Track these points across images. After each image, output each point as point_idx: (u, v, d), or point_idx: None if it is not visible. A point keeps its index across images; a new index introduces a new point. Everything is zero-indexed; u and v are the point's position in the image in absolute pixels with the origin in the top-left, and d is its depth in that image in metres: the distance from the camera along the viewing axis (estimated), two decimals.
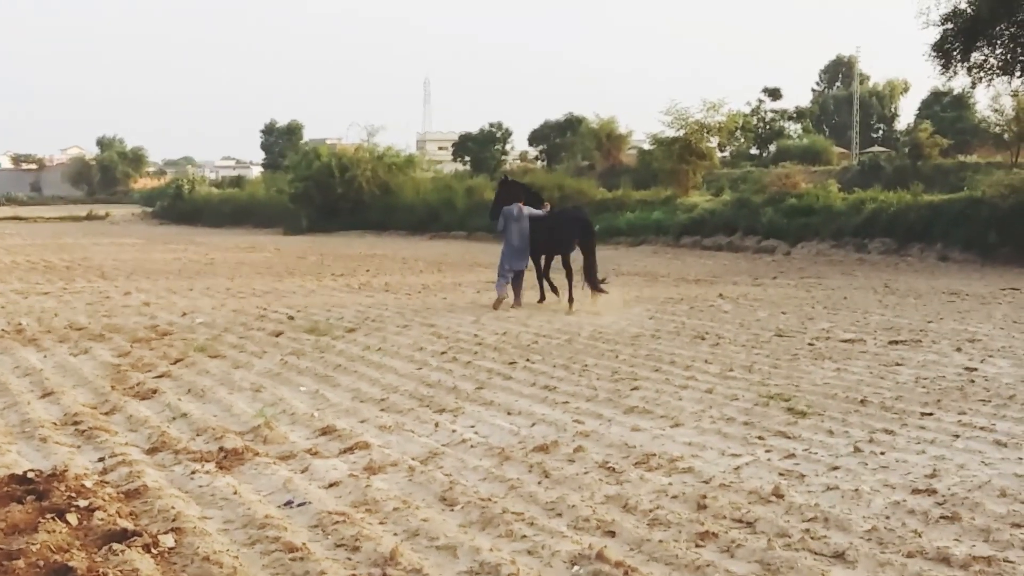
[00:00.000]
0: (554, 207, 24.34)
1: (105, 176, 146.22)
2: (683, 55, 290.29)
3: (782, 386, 13.23)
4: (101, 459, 9.96)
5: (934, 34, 36.83)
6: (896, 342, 16.92)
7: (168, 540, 7.49)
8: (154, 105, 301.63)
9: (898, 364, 14.91)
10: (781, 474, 9.27)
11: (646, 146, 62.45)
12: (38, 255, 41.20)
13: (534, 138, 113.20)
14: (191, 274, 31.98)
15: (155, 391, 13.14)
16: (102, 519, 7.84)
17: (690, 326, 18.99)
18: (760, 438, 10.63)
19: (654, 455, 9.93)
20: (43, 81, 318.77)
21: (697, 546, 7.47)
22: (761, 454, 10.02)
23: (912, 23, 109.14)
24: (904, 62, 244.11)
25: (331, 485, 9.12)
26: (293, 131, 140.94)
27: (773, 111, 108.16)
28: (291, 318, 20.37)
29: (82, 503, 8.21)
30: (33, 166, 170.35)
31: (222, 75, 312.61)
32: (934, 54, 36.77)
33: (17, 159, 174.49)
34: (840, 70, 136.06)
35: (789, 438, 10.64)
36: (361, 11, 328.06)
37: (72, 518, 7.85)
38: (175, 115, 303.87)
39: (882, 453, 9.98)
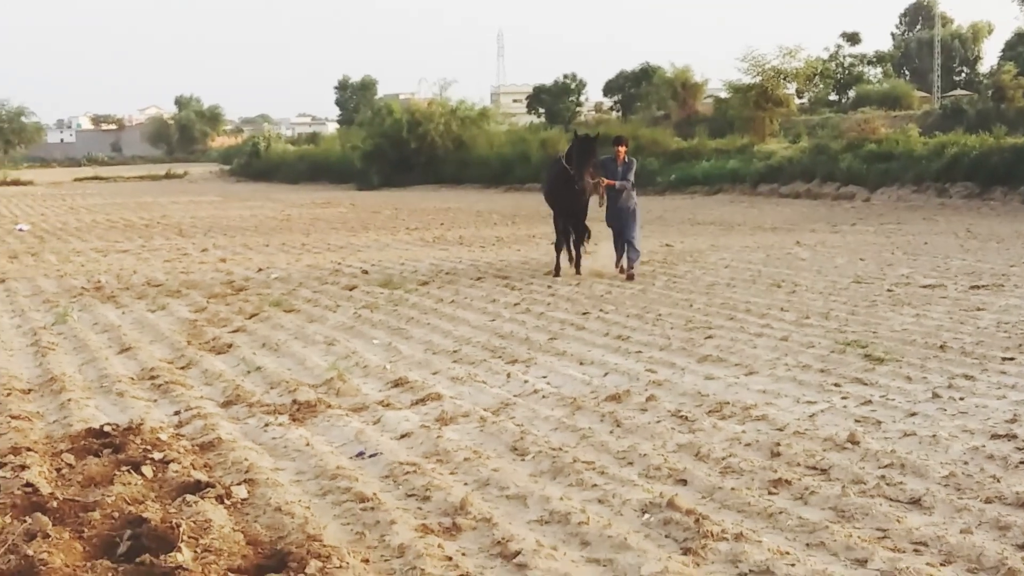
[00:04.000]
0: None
1: (183, 135, 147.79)
2: (760, 2, 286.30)
3: (859, 333, 13.03)
4: (177, 412, 10.06)
5: None
6: (977, 287, 16.60)
7: (241, 491, 7.55)
8: (230, 64, 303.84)
9: (979, 309, 14.62)
10: (857, 421, 9.13)
11: (722, 95, 61.79)
12: (118, 214, 41.75)
13: (609, 89, 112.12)
14: (267, 231, 32.21)
15: (230, 345, 13.25)
16: (176, 471, 7.93)
17: (766, 274, 18.78)
18: (836, 385, 10.48)
19: (727, 403, 9.82)
20: (121, 42, 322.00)
21: (770, 493, 7.38)
22: (837, 401, 9.88)
23: None
24: (988, 3, 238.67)
25: (403, 436, 9.13)
26: (367, 87, 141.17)
27: (852, 56, 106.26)
28: (365, 272, 20.45)
29: (157, 456, 8.31)
30: (113, 126, 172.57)
31: (297, 32, 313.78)
32: None
33: (97, 120, 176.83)
34: (920, 13, 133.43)
35: (866, 385, 10.47)
36: None
37: (147, 470, 7.95)
38: (251, 73, 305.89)
39: (961, 399, 9.79)
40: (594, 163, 18.46)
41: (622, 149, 18.97)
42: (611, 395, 10.29)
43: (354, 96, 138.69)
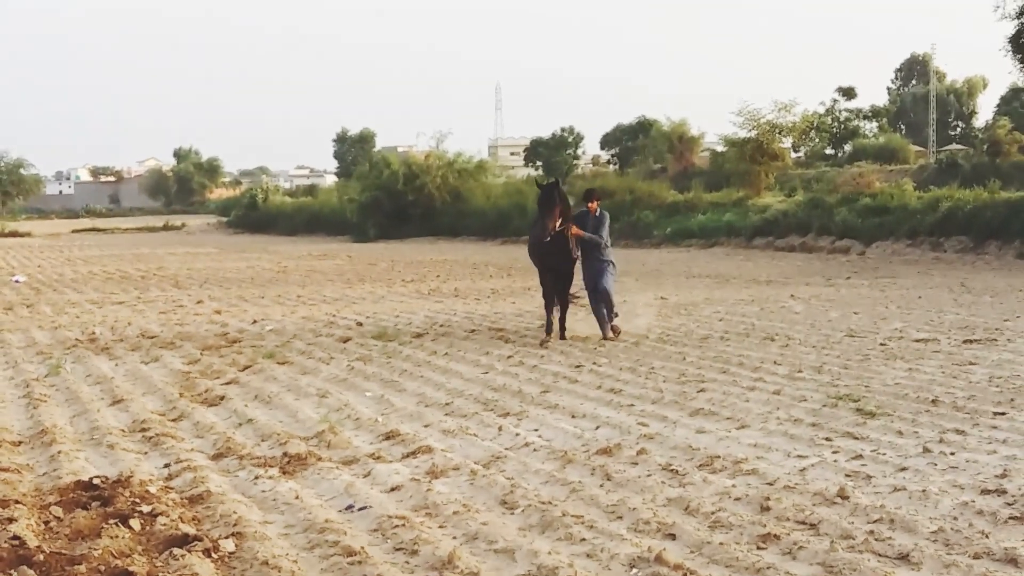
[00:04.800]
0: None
1: (182, 187, 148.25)
2: (755, 56, 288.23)
3: (852, 387, 13.04)
4: (167, 465, 10.04)
5: (1011, 28, 36.24)
6: (971, 341, 16.63)
7: (229, 545, 7.53)
8: (229, 116, 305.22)
9: (972, 363, 14.64)
10: (847, 475, 9.12)
11: (719, 148, 62.08)
12: (114, 265, 41.81)
13: (606, 142, 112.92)
14: (263, 282, 32.25)
15: (222, 397, 13.25)
16: (164, 524, 7.90)
17: (760, 327, 18.80)
18: (827, 439, 10.47)
19: (718, 457, 9.81)
20: (120, 94, 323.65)
21: (759, 548, 7.37)
22: (828, 455, 9.86)
23: (989, 17, 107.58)
24: (983, 58, 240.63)
25: (392, 489, 9.11)
26: (365, 139, 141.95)
27: (848, 110, 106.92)
28: (360, 324, 20.46)
29: (145, 508, 8.29)
30: (111, 178, 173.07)
31: (295, 85, 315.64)
32: (1011, 48, 36.17)
33: (96, 172, 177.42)
34: (915, 68, 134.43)
35: (857, 439, 10.46)
36: (433, 20, 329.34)
37: (135, 523, 7.93)
38: (250, 126, 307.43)
39: (952, 453, 9.79)
40: (560, 210, 17.25)
41: (594, 204, 17.85)
42: (602, 448, 10.28)
43: (352, 149, 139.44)
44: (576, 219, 17.63)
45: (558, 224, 17.26)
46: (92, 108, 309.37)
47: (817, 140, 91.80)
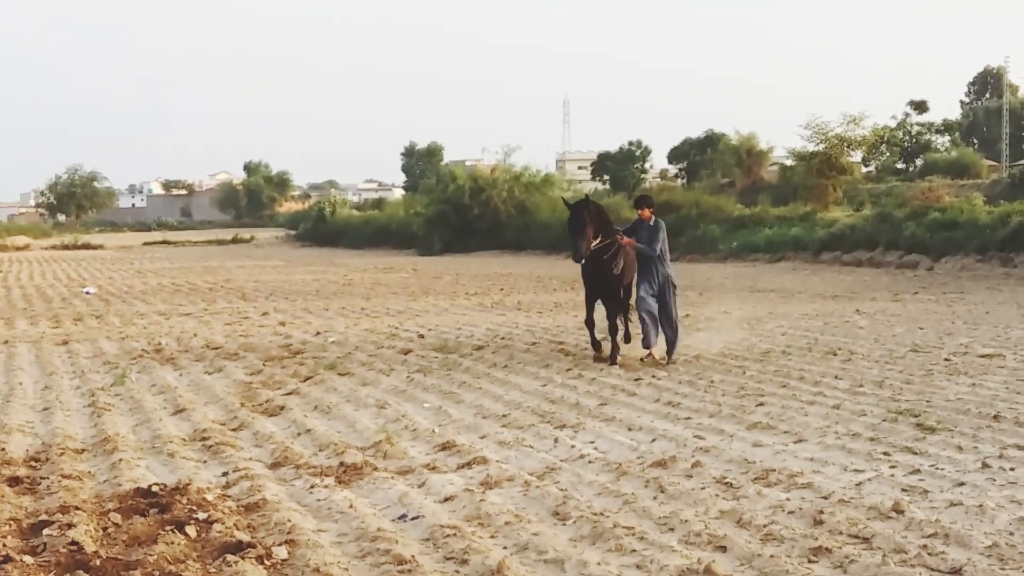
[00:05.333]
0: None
1: (252, 200, 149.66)
2: (826, 69, 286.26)
3: (913, 401, 12.91)
4: (225, 473, 10.16)
5: None
6: None
7: (282, 552, 7.61)
8: (299, 130, 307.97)
9: None
10: (904, 490, 9.04)
11: (788, 162, 61.76)
12: (183, 278, 42.33)
13: (674, 155, 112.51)
14: (328, 295, 32.49)
15: (283, 408, 13.37)
16: (220, 531, 8.01)
17: (823, 342, 18.66)
18: (885, 454, 10.38)
19: (774, 470, 9.77)
20: (192, 108, 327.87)
21: (809, 561, 7.33)
22: (885, 470, 9.79)
23: None
24: None
25: (446, 499, 9.16)
26: (433, 153, 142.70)
27: (919, 124, 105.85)
28: (421, 336, 20.56)
29: (201, 516, 8.40)
30: (183, 191, 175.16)
31: (365, 99, 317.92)
32: None
33: (168, 185, 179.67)
34: (989, 81, 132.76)
35: (916, 454, 10.37)
36: (501, 32, 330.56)
37: (191, 530, 8.04)
38: (320, 139, 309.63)
39: (1011, 469, 9.67)
40: (592, 230, 16.17)
41: (646, 211, 16.86)
42: (657, 461, 10.27)
43: (420, 162, 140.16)
44: (629, 229, 16.95)
45: (593, 244, 16.26)
46: (165, 122, 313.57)
47: (888, 154, 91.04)
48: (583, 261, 16.55)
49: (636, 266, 17.01)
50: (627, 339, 17.59)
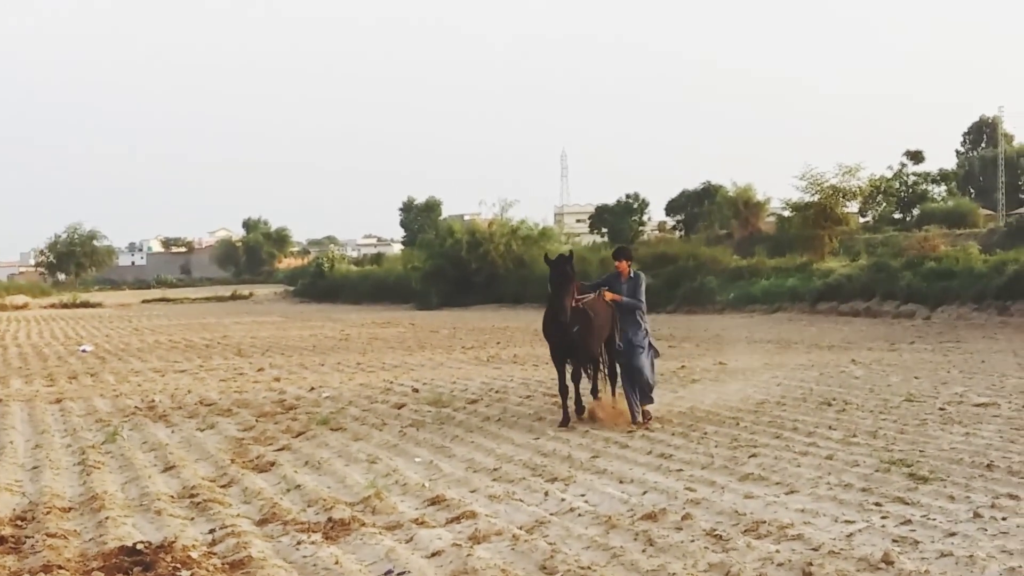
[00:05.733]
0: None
1: (251, 257, 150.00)
2: (822, 120, 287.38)
3: (906, 451, 12.85)
4: (212, 531, 10.08)
5: None
6: None
7: None
8: (298, 186, 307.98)
9: None
10: (895, 541, 8.97)
11: (785, 213, 61.99)
12: (180, 334, 42.32)
13: (671, 208, 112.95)
14: (324, 350, 32.46)
15: (273, 464, 13.31)
16: None
17: (817, 392, 18.62)
18: (877, 504, 10.32)
19: (764, 522, 9.69)
20: (192, 166, 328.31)
21: None
22: (876, 520, 9.72)
23: None
24: None
25: (433, 554, 9.08)
26: (432, 207, 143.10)
27: (916, 174, 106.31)
28: (415, 391, 20.51)
29: (185, 573, 8.32)
30: (183, 249, 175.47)
31: (363, 155, 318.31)
32: None
33: (167, 243, 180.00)
34: (984, 131, 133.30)
35: (907, 504, 10.30)
36: (498, 87, 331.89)
37: None
38: (318, 196, 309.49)
39: (1004, 519, 9.60)
40: (576, 286, 15.66)
41: (624, 264, 16.05)
42: (647, 514, 10.19)
43: (419, 217, 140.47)
44: (607, 282, 16.15)
45: (573, 301, 15.57)
46: (164, 180, 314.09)
47: (884, 204, 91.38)
48: (564, 319, 15.65)
49: (610, 324, 16.16)
50: (594, 394, 17.00)
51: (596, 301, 15.94)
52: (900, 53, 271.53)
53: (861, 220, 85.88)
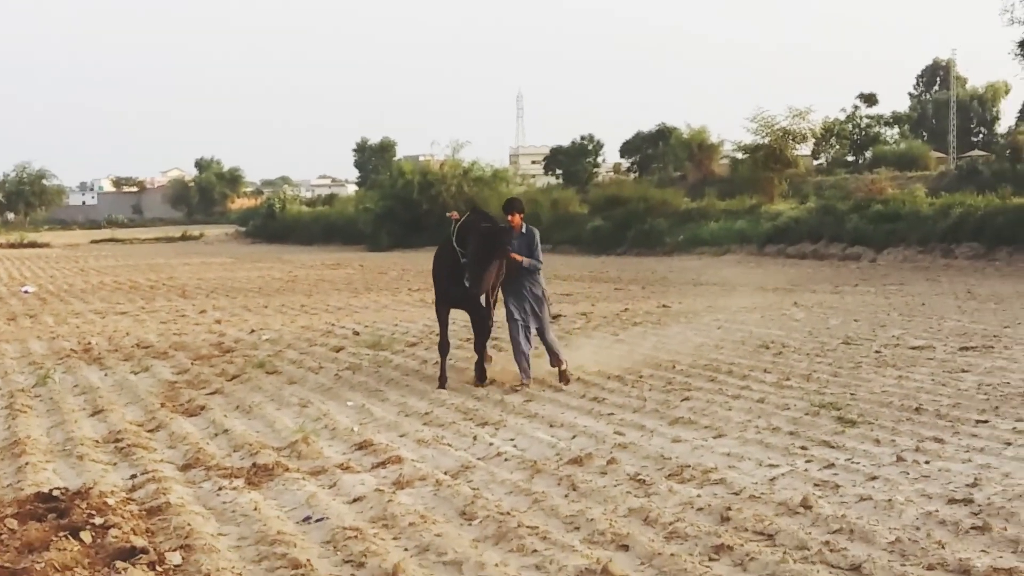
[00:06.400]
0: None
1: (203, 197, 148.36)
2: (777, 63, 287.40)
3: (837, 395, 12.89)
4: (133, 476, 9.96)
5: (1019, 33, 36.01)
6: (966, 348, 16.45)
7: (175, 557, 7.45)
8: (252, 126, 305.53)
9: (963, 371, 14.46)
10: (816, 485, 8.97)
11: (738, 156, 62.00)
12: (126, 276, 41.93)
13: (625, 150, 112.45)
14: (270, 292, 32.24)
15: (203, 408, 13.17)
16: (116, 536, 7.81)
17: (756, 335, 18.64)
18: (803, 448, 10.33)
19: (688, 466, 9.69)
20: (144, 105, 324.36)
21: (710, 559, 7.24)
22: (800, 464, 9.73)
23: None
24: (1006, 63, 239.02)
25: (355, 500, 9.02)
26: (386, 148, 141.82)
27: (869, 117, 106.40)
28: (356, 334, 20.37)
29: (99, 520, 8.19)
30: (134, 189, 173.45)
31: (317, 95, 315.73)
32: (1020, 53, 35.93)
33: (119, 182, 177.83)
34: (938, 74, 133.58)
35: (833, 447, 10.33)
36: (455, 28, 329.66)
37: (86, 536, 7.84)
38: (272, 136, 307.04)
39: (926, 462, 9.63)
40: (500, 266, 14.23)
41: (517, 217, 14.41)
42: (573, 458, 10.16)
43: (373, 158, 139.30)
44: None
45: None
46: (116, 119, 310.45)
47: (837, 147, 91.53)
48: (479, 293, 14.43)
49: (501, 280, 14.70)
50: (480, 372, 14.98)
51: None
52: None
53: (815, 163, 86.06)
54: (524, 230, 14.47)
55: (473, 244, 13.84)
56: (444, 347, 14.81)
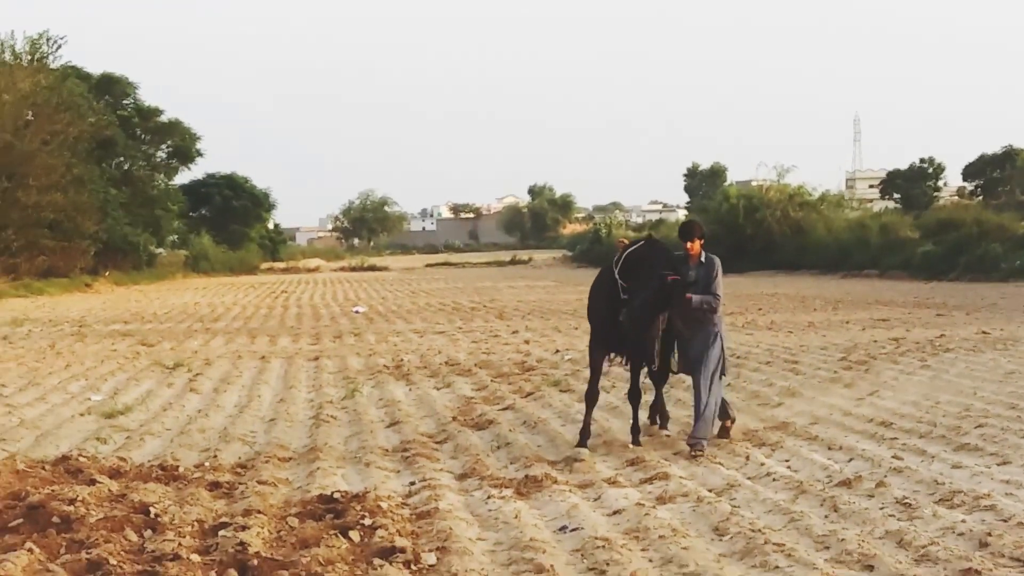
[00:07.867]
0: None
1: (536, 223, 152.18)
2: None
3: None
4: (411, 483, 10.47)
5: None
6: None
7: (431, 558, 7.84)
8: (585, 153, 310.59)
9: None
10: None
11: None
12: (451, 297, 43.51)
13: (969, 173, 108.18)
14: (584, 314, 32.64)
15: (491, 422, 13.63)
16: (381, 537, 8.29)
17: None
18: None
19: (961, 492, 9.38)
20: (482, 134, 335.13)
21: None
22: None
23: None
24: None
25: (614, 513, 9.21)
26: (717, 173, 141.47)
27: None
28: None
29: (368, 521, 8.70)
30: (471, 215, 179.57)
31: (649, 120, 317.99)
32: None
33: (456, 208, 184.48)
34: None
35: None
36: (788, 54, 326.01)
37: (355, 535, 8.36)
38: (605, 162, 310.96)
39: None
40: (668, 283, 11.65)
41: (696, 244, 12.19)
42: (842, 480, 10.02)
43: (704, 183, 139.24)
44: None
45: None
46: (456, 148, 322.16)
47: None
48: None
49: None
50: (663, 418, 13.22)
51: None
52: None
53: None
54: (703, 259, 12.17)
55: (648, 288, 11.75)
56: (592, 397, 12.51)
